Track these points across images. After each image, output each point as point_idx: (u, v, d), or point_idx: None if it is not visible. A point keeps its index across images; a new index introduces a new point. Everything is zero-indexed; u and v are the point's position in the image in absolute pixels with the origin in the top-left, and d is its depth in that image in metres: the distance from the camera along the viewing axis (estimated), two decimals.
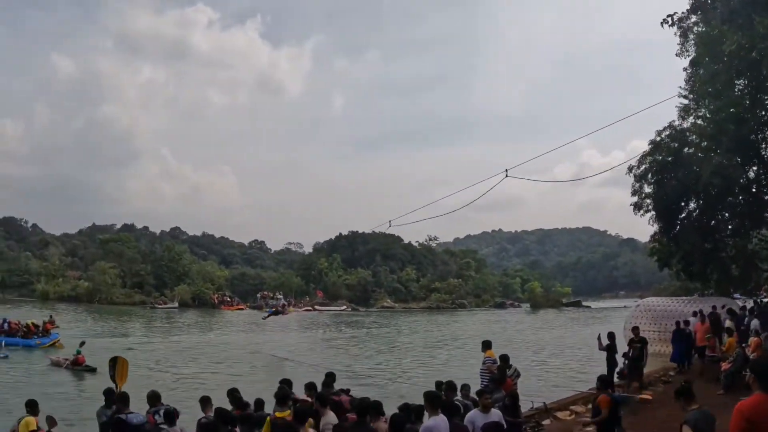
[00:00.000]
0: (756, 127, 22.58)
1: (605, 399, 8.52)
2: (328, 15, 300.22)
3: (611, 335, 14.88)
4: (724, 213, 26.49)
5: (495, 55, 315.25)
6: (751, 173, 24.80)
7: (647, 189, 26.74)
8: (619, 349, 15.15)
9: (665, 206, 25.92)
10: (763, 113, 22.45)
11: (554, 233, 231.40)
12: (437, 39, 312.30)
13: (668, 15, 24.75)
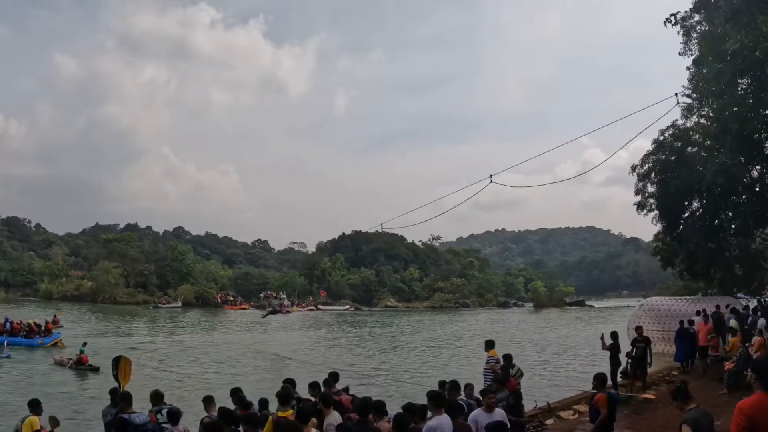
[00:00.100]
0: (759, 126, 22.55)
1: (603, 397, 8.47)
2: (331, 14, 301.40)
3: (614, 335, 14.85)
4: (728, 212, 26.46)
5: (499, 54, 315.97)
6: (755, 172, 24.77)
7: (650, 188, 26.77)
8: (623, 349, 15.13)
9: (668, 205, 25.90)
10: (767, 112, 22.40)
11: (557, 232, 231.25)
12: (441, 38, 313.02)
13: (671, 14, 24.62)
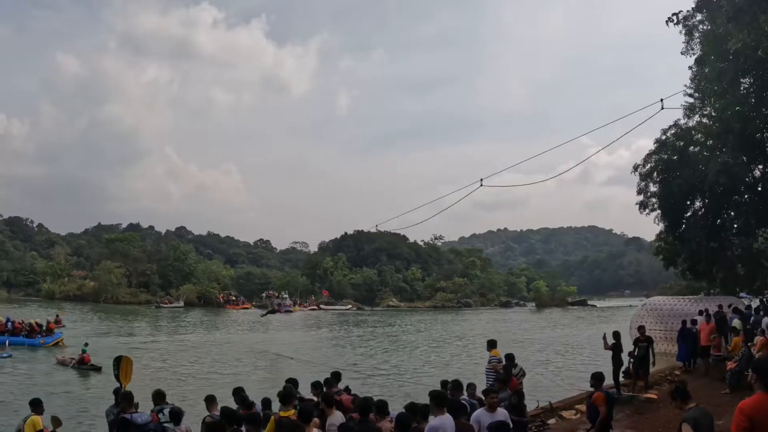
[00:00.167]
0: (762, 126, 22.50)
1: (601, 396, 8.47)
2: (334, 14, 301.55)
3: (617, 334, 14.81)
4: (730, 212, 26.41)
5: (501, 54, 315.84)
6: (757, 172, 24.72)
7: (653, 188, 26.72)
8: (625, 348, 15.10)
9: (671, 205, 25.86)
10: None
11: (560, 232, 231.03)
12: (443, 38, 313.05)
13: (673, 13, 24.49)
